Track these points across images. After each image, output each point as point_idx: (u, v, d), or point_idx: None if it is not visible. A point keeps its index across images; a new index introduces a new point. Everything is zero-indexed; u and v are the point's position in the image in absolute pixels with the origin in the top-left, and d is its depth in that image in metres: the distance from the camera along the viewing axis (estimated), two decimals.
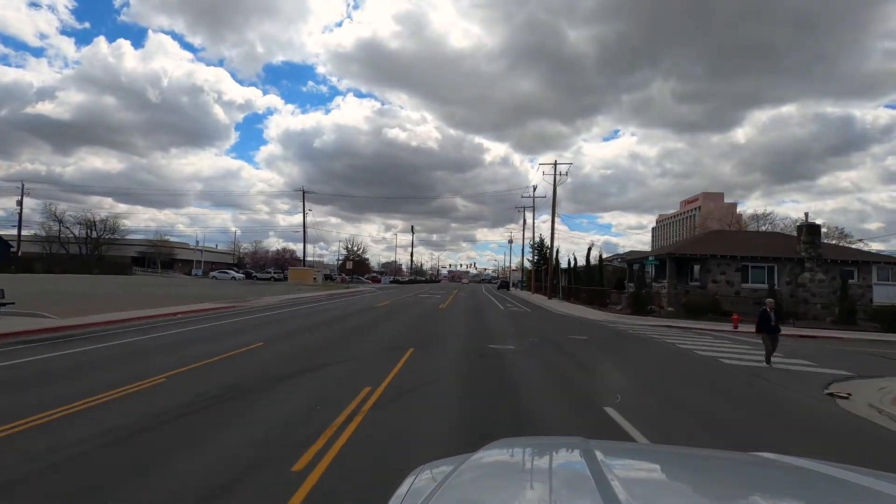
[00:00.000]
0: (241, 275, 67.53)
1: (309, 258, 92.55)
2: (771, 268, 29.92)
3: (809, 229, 28.67)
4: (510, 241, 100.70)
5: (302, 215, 63.94)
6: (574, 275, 42.25)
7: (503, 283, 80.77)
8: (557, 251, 47.72)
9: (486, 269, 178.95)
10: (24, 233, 65.95)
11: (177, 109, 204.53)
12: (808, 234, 28.36)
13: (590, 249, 39.60)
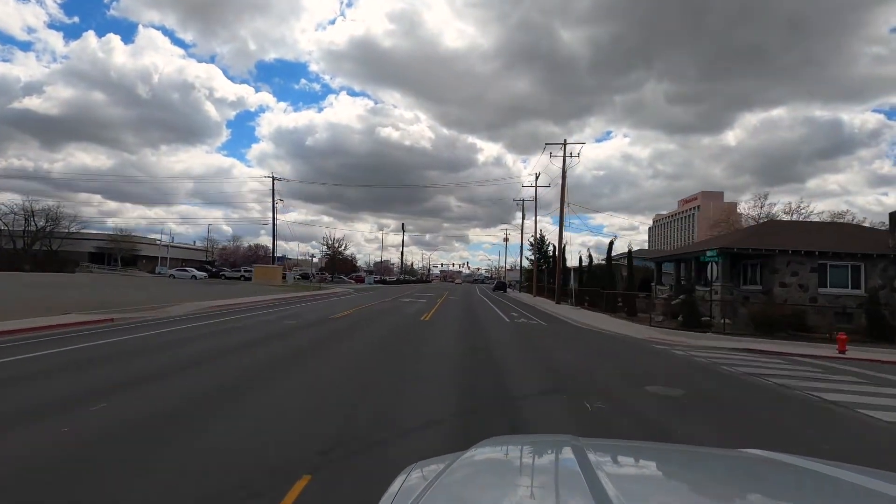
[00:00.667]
0: (202, 273, 59.51)
1: (300, 256, 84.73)
2: (856, 267, 22.63)
3: None
4: (506, 239, 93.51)
5: (271, 205, 56.28)
6: (590, 274, 35.01)
7: (499, 285, 72.91)
8: (564, 247, 40.42)
9: (480, 268, 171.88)
10: None
11: (167, 106, 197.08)
12: None
13: (611, 244, 32.32)
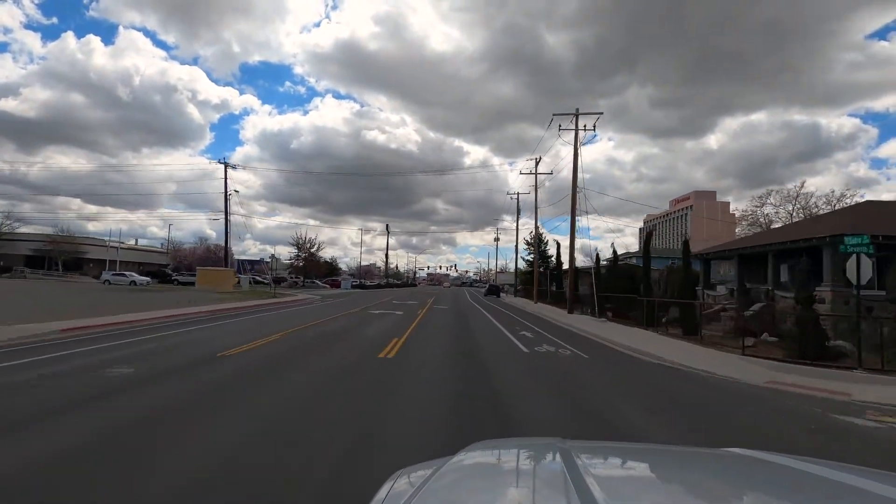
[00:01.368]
0: (145, 279, 50.77)
1: (285, 260, 75.78)
2: None
3: None
4: (496, 239, 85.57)
5: (225, 200, 47.80)
6: (612, 275, 27.47)
7: (492, 289, 64.72)
8: (572, 241, 32.70)
9: (468, 271, 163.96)
10: None
11: (149, 108, 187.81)
12: None
13: (649, 235, 24.73)
